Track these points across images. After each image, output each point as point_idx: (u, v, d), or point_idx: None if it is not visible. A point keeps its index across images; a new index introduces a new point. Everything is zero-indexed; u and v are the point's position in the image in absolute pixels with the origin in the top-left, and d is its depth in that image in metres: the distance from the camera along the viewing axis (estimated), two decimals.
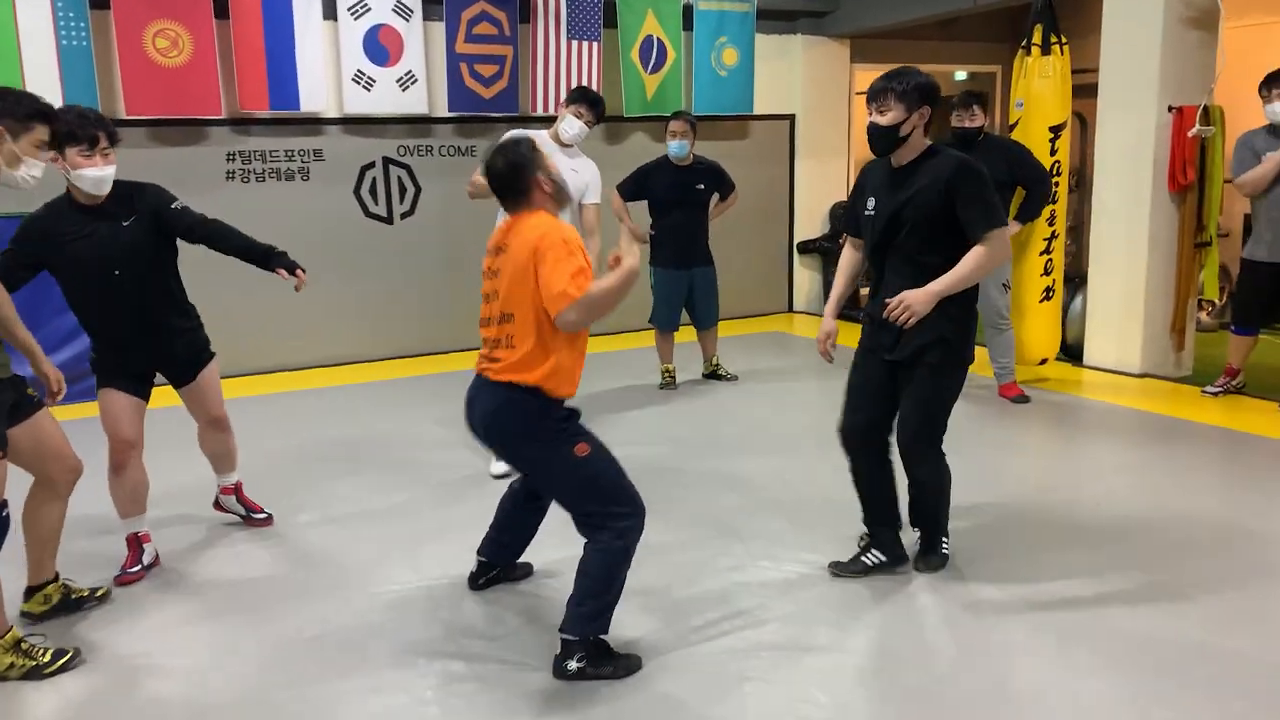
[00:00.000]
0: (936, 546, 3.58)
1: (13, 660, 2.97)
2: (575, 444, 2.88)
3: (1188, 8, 6.10)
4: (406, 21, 6.98)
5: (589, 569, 2.89)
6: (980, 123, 5.69)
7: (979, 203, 3.21)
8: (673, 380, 6.40)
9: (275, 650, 3.14)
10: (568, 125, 4.91)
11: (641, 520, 2.94)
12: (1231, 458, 4.87)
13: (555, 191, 2.98)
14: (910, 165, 3.32)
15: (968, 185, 3.20)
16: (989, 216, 3.21)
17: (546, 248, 2.79)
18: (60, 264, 3.48)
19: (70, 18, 6.05)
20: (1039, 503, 4.28)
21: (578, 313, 2.76)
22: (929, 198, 3.23)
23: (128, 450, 3.65)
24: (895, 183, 3.33)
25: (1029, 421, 5.57)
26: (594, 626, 2.89)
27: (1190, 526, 3.99)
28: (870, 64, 9.36)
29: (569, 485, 2.93)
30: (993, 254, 3.20)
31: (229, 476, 4.15)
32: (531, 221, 2.91)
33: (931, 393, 3.35)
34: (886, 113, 3.24)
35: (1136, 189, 6.29)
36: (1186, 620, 3.21)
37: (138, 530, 3.74)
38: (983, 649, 3.06)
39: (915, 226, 3.28)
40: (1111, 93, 6.39)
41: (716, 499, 4.33)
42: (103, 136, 3.36)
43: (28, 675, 2.96)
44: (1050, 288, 6.17)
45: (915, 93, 3.22)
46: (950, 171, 3.22)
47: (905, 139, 3.27)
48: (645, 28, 7.85)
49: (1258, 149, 5.52)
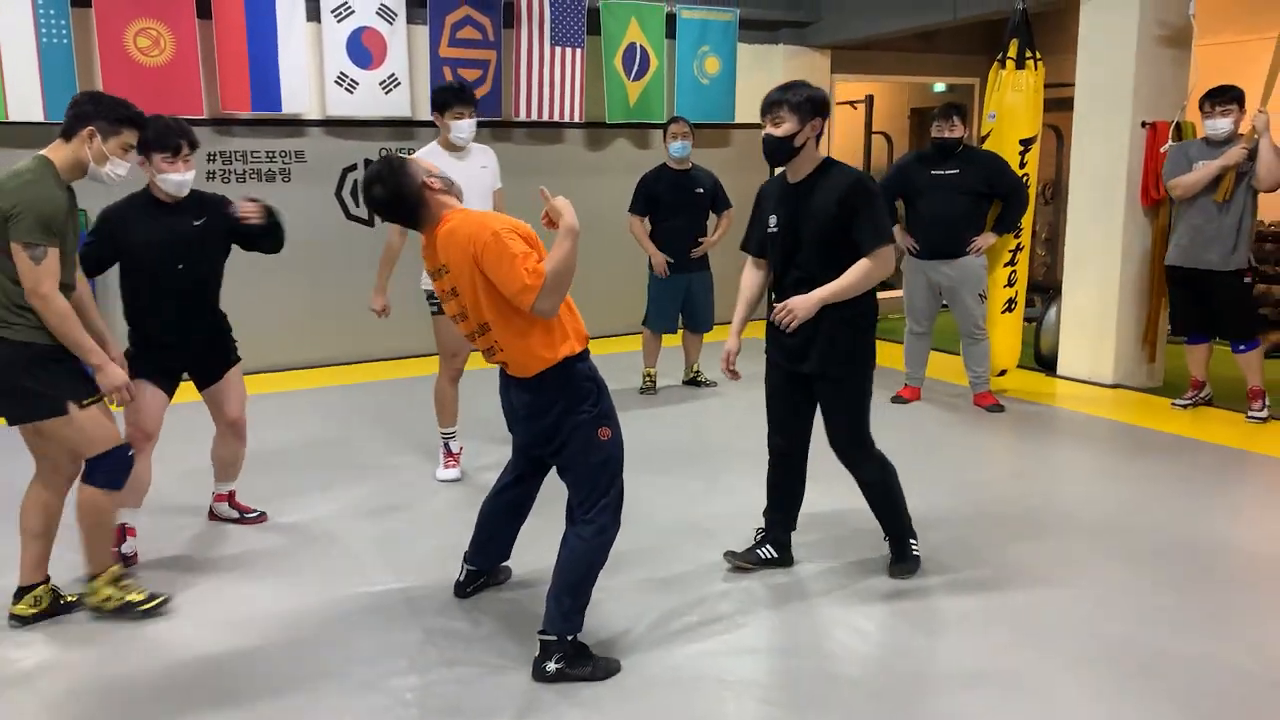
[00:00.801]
0: (906, 551, 3.65)
1: (110, 593, 3.36)
2: (600, 426, 2.93)
3: (1161, 26, 6.21)
4: (390, 24, 7.00)
5: (568, 562, 2.92)
6: (960, 134, 5.78)
7: (870, 220, 3.26)
8: (653, 385, 6.44)
9: (257, 649, 3.15)
10: (457, 129, 4.57)
11: (620, 520, 3.00)
12: (1196, 467, 4.96)
13: (446, 184, 2.95)
14: (806, 181, 3.37)
15: (861, 202, 3.26)
16: (877, 234, 3.27)
17: (482, 250, 2.75)
18: (130, 249, 3.67)
19: (51, 15, 6.03)
20: (1008, 510, 4.35)
21: (547, 298, 2.74)
22: (825, 214, 3.29)
23: (144, 442, 3.75)
24: (793, 199, 3.39)
25: (1002, 431, 5.65)
26: (571, 624, 2.92)
27: (1155, 533, 4.07)
28: (851, 75, 9.46)
29: (582, 464, 2.94)
30: (878, 268, 3.27)
31: (227, 485, 4.21)
32: (449, 229, 2.86)
33: (845, 404, 3.45)
34: (781, 124, 3.30)
35: (1110, 203, 6.40)
36: (1152, 623, 3.28)
37: (124, 522, 3.77)
38: (955, 652, 3.12)
39: (813, 244, 3.34)
40: (1086, 108, 6.50)
41: (694, 504, 4.37)
42: (185, 145, 3.64)
43: (121, 609, 3.35)
44: (1013, 299, 6.28)
45: (808, 104, 3.28)
46: (845, 188, 3.27)
47: (799, 150, 3.32)
48: (628, 35, 7.90)
49: (1192, 156, 5.70)
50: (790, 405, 3.57)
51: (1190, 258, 5.70)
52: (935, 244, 5.85)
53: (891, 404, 6.13)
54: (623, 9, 7.83)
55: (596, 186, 7.71)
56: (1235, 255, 5.56)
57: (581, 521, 2.94)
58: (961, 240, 5.81)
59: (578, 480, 2.96)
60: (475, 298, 2.85)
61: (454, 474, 4.74)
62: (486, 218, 2.84)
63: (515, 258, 2.71)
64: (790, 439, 3.61)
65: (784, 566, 3.71)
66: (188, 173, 3.67)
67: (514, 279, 2.71)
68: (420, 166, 2.95)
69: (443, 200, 2.94)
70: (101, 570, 3.36)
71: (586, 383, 2.94)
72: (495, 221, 2.81)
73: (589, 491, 2.94)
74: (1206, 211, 5.60)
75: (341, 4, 6.81)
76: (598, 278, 7.77)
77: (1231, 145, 5.51)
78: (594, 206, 7.50)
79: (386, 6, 6.97)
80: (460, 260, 2.81)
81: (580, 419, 2.91)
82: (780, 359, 3.51)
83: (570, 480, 2.99)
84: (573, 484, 2.98)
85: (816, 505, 3.96)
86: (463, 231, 2.80)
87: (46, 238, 3.05)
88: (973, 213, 5.82)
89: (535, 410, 2.95)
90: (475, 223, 2.80)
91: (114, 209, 3.72)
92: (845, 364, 3.40)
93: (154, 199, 3.72)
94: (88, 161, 3.19)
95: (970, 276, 5.83)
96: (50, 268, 3.06)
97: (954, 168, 5.78)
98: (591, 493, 2.93)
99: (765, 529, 3.76)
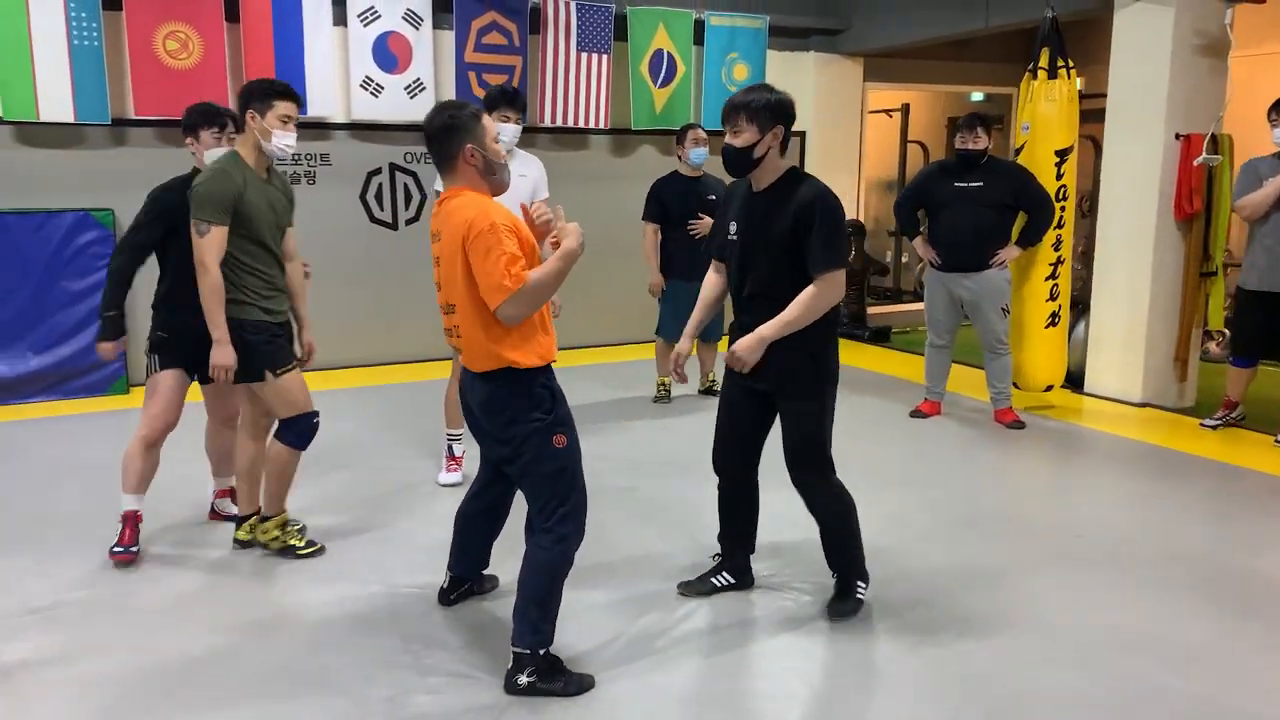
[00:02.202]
0: (850, 591, 3.40)
1: (277, 534, 3.83)
2: (555, 434, 2.86)
3: (1197, 35, 6.03)
4: (416, 29, 7.04)
5: (529, 573, 2.88)
6: (984, 145, 5.65)
7: (825, 239, 3.08)
8: (667, 394, 6.39)
9: (234, 650, 3.15)
10: (499, 133, 4.69)
11: (582, 530, 2.94)
12: (1223, 492, 4.79)
13: (485, 167, 2.87)
14: (769, 190, 3.21)
15: (820, 219, 3.08)
16: (830, 256, 3.09)
17: (474, 238, 2.71)
18: (181, 231, 3.68)
19: (83, 18, 6.14)
20: (1012, 533, 4.22)
21: (515, 306, 2.71)
22: (782, 228, 3.13)
23: (167, 432, 3.85)
24: (754, 208, 3.25)
25: (1021, 448, 5.51)
26: (539, 638, 2.87)
27: (1170, 561, 3.92)
28: (884, 83, 9.35)
29: (537, 472, 2.88)
30: (824, 295, 3.10)
31: (229, 479, 4.19)
32: (457, 204, 2.82)
33: (801, 427, 3.25)
34: (739, 134, 3.13)
35: (1142, 216, 6.23)
36: (1148, 656, 3.16)
37: (139, 509, 3.84)
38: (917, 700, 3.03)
39: (766, 257, 3.18)
40: (1119, 119, 6.33)
41: (694, 515, 4.30)
42: (230, 123, 3.81)
43: (284, 551, 3.83)
44: (1056, 313, 6.10)
45: (766, 112, 3.11)
46: (806, 202, 3.10)
47: (760, 160, 3.17)
48: (656, 41, 7.87)
49: (1263, 174, 5.47)
50: (740, 421, 3.39)
51: (1269, 281, 5.48)
52: (957, 257, 5.73)
53: (910, 418, 6.02)
54: (650, 15, 7.80)
55: (620, 193, 7.68)
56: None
57: (540, 531, 2.89)
58: (984, 253, 5.68)
59: (535, 489, 2.91)
60: (453, 275, 2.81)
61: (455, 478, 4.73)
62: (492, 209, 2.78)
63: (502, 255, 2.68)
64: (737, 457, 3.43)
65: (743, 589, 3.58)
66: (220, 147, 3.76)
67: (493, 274, 2.68)
68: (485, 137, 2.86)
69: (470, 174, 2.87)
70: (274, 514, 3.85)
71: (540, 389, 2.88)
72: (499, 215, 2.76)
73: (546, 500, 2.88)
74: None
75: (368, 8, 6.86)
76: (615, 285, 7.76)
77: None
78: (617, 212, 7.51)
79: (413, 11, 7.01)
80: (451, 236, 2.78)
81: (533, 426, 2.85)
82: (740, 378, 3.32)
83: (527, 490, 2.94)
84: (530, 493, 2.93)
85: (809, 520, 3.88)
86: (464, 213, 2.77)
87: (213, 216, 3.48)
88: (996, 226, 5.68)
89: (488, 409, 2.91)
90: (479, 209, 2.76)
91: (164, 191, 3.77)
92: (799, 382, 3.21)
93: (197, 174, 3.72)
94: (260, 142, 3.59)
95: (992, 290, 5.70)
96: (211, 243, 3.49)
97: (978, 179, 5.66)
98: (549, 502, 2.88)
99: (721, 554, 3.63)
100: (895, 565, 3.81)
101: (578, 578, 3.63)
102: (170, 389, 3.81)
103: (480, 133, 2.86)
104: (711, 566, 3.65)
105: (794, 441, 3.28)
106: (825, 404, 3.26)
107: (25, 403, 6.18)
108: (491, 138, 2.89)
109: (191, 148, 3.84)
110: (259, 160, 3.64)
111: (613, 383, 6.81)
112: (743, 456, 3.45)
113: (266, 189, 3.67)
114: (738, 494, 3.52)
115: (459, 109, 2.89)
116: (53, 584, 3.61)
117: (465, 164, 2.85)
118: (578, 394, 6.56)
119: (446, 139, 2.85)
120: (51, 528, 4.14)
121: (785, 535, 3.99)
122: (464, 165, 2.85)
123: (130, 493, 3.83)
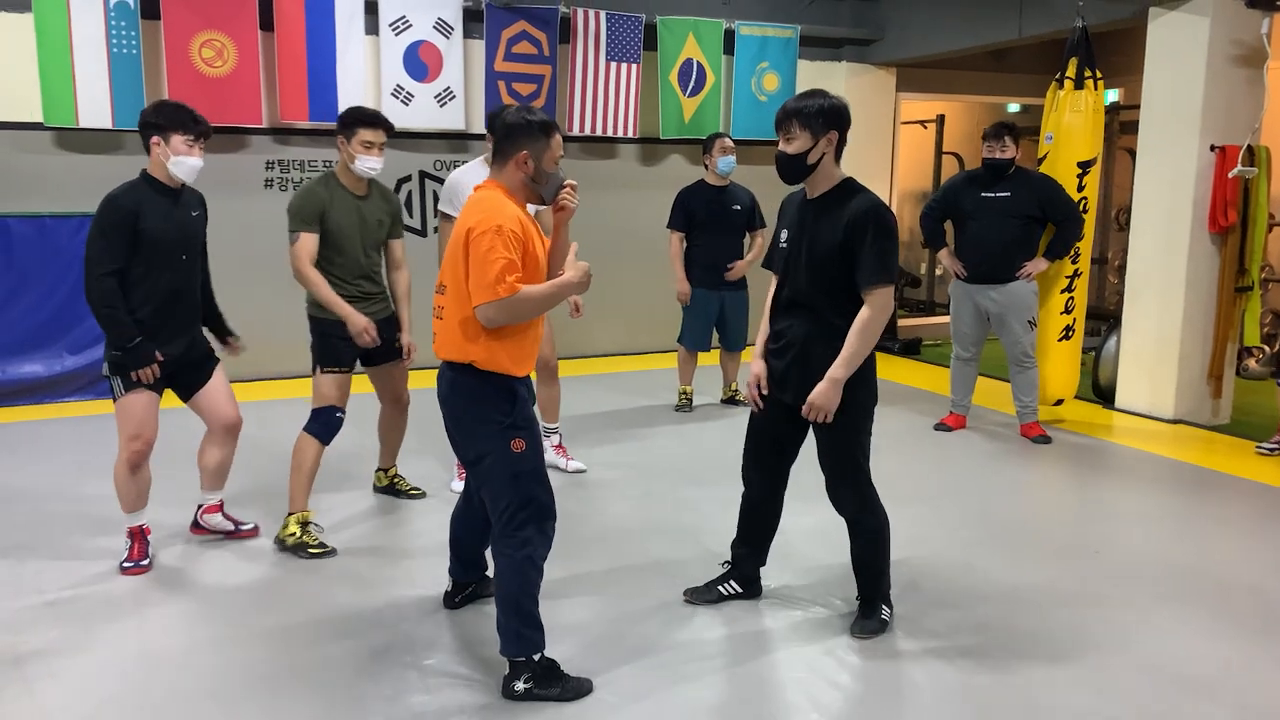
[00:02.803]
0: (875, 612, 3.35)
1: (295, 530, 3.97)
2: (514, 438, 2.86)
3: (1235, 45, 5.92)
4: (447, 39, 7.11)
5: (499, 583, 2.89)
6: (1011, 154, 5.58)
7: (875, 253, 3.02)
8: (689, 403, 6.38)
9: (236, 645, 3.19)
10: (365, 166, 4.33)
11: (547, 534, 2.92)
12: (1261, 513, 4.66)
13: (531, 176, 2.90)
14: (822, 199, 3.17)
15: (874, 232, 3.03)
16: (881, 269, 3.03)
17: (478, 235, 2.74)
18: (144, 236, 3.61)
19: (122, 27, 6.28)
20: (1031, 548, 4.16)
21: (497, 311, 2.74)
22: (832, 238, 3.09)
23: (149, 451, 3.75)
24: (805, 216, 3.21)
25: (1046, 463, 5.43)
26: (522, 646, 2.87)
27: (1193, 578, 3.84)
28: (918, 93, 9.27)
29: (495, 477, 2.89)
30: (878, 317, 3.05)
31: (216, 494, 4.09)
32: (484, 195, 2.87)
33: (837, 444, 3.20)
34: (793, 141, 3.10)
35: (1174, 229, 6.11)
36: (1165, 675, 3.08)
37: (143, 523, 3.84)
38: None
39: (813, 267, 3.14)
40: (1153, 130, 6.23)
41: (708, 522, 4.28)
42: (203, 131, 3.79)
43: (296, 548, 3.94)
44: (1070, 326, 6.01)
45: (820, 117, 3.06)
46: (859, 213, 3.05)
47: (814, 166, 3.13)
48: (685, 51, 7.88)
49: None
50: (773, 437, 3.37)
51: None
52: (984, 268, 5.66)
53: (935, 431, 5.95)
54: (680, 25, 7.82)
55: (648, 201, 7.68)
56: None
57: (503, 537, 2.89)
58: (1011, 265, 5.60)
59: (495, 494, 2.90)
60: (453, 257, 2.84)
61: None
62: (507, 211, 2.80)
63: (500, 259, 2.72)
64: (767, 471, 3.42)
65: (751, 599, 3.56)
66: (200, 159, 3.73)
67: (487, 275, 2.72)
68: (546, 150, 2.90)
69: (513, 178, 2.89)
70: (296, 511, 4.01)
71: (499, 391, 2.87)
72: (510, 221, 2.77)
73: (506, 505, 2.88)
74: None
75: (399, 18, 6.95)
76: (641, 293, 7.76)
77: None
78: (645, 221, 7.51)
79: (444, 21, 7.08)
80: (461, 222, 2.85)
81: (491, 428, 2.86)
82: (771, 388, 3.32)
83: (489, 495, 2.93)
84: (491, 498, 2.92)
85: (828, 531, 3.84)
86: (480, 209, 2.81)
87: (300, 225, 3.92)
88: (1023, 237, 5.61)
89: (446, 402, 2.94)
90: (493, 210, 2.79)
91: (121, 196, 3.61)
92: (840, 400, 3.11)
93: (157, 186, 3.67)
94: (347, 164, 4.02)
95: (1019, 303, 5.62)
96: (301, 249, 3.93)
97: (1005, 190, 5.59)
98: (509, 506, 2.87)
99: (731, 563, 3.61)
100: (914, 578, 3.77)
101: (583, 584, 3.67)
102: (143, 408, 3.67)
103: (541, 146, 2.89)
104: (719, 574, 3.64)
105: (833, 459, 3.24)
106: (864, 422, 3.22)
107: (61, 401, 6.32)
108: (553, 156, 2.93)
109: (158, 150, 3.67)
110: (352, 179, 4.06)
111: (635, 391, 6.81)
112: (771, 473, 3.43)
113: (361, 204, 4.08)
114: (761, 508, 3.50)
115: (534, 116, 2.91)
116: (71, 579, 3.68)
117: (514, 167, 2.90)
118: (600, 402, 6.63)
119: (508, 136, 2.90)
120: (75, 524, 4.22)
121: (798, 548, 3.96)
122: (512, 167, 2.90)
123: (127, 511, 3.80)
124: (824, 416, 3.10)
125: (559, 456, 5.07)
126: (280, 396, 6.46)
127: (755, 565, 3.59)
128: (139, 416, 3.68)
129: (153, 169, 3.70)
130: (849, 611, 3.45)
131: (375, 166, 4.04)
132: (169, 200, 3.71)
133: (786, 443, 3.38)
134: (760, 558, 3.58)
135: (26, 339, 6.28)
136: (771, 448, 3.40)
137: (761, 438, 3.42)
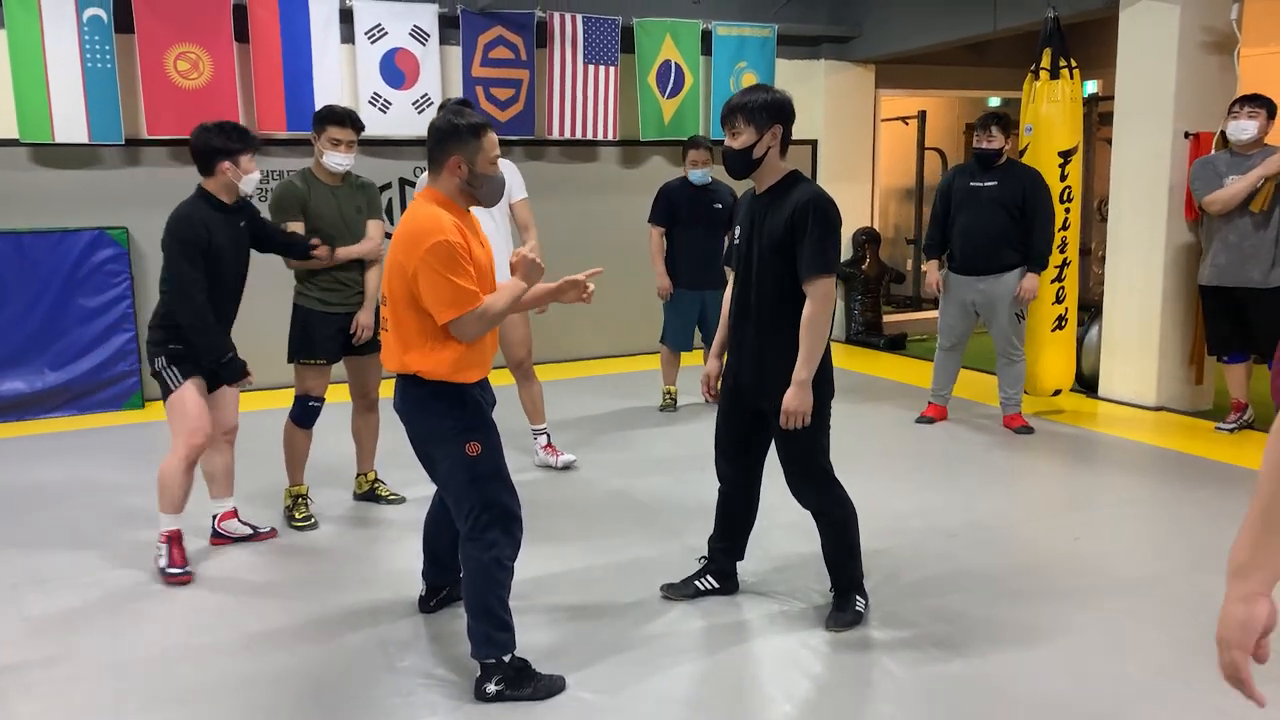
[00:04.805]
0: (850, 604, 3.34)
1: (289, 503, 4.33)
2: (467, 442, 2.84)
3: (1205, 32, 5.94)
4: (423, 45, 7.12)
5: (468, 585, 2.88)
6: (999, 144, 5.57)
7: (814, 244, 3.03)
8: (673, 403, 6.38)
9: (212, 651, 3.19)
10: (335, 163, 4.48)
11: (513, 535, 2.91)
12: (1244, 498, 4.66)
13: (466, 180, 2.82)
14: (769, 193, 3.18)
15: (813, 221, 3.04)
16: (821, 260, 3.04)
17: (429, 255, 2.69)
18: (209, 248, 3.76)
19: (96, 41, 6.28)
20: (1009, 538, 4.16)
21: (470, 325, 2.75)
22: (776, 231, 3.10)
23: (207, 444, 3.84)
24: (756, 213, 3.22)
25: (1028, 453, 5.43)
26: (495, 648, 2.86)
27: (1170, 564, 3.84)
28: (898, 89, 9.29)
29: (453, 482, 2.89)
30: (822, 310, 3.05)
31: (227, 501, 4.13)
32: (417, 214, 2.80)
33: (794, 438, 3.19)
34: (738, 136, 3.12)
35: (1152, 216, 6.13)
36: (1134, 662, 3.08)
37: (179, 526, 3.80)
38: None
39: (761, 261, 3.15)
40: (1127, 118, 6.25)
41: (686, 521, 4.28)
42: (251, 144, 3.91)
43: (287, 518, 4.30)
44: (1063, 316, 6.02)
45: (763, 111, 3.09)
46: (799, 204, 3.06)
47: (760, 161, 3.14)
48: (663, 52, 7.89)
49: (1220, 170, 5.47)
50: (738, 433, 3.38)
51: (1229, 277, 5.45)
52: (972, 259, 5.65)
53: (916, 424, 5.95)
54: (657, 27, 7.83)
55: (630, 204, 7.67)
56: (1276, 271, 5.27)
57: (469, 541, 2.88)
58: (999, 256, 5.60)
59: (456, 499, 2.90)
60: (390, 276, 2.80)
61: None
62: (448, 225, 2.74)
63: (458, 276, 2.71)
64: (737, 467, 3.42)
65: (728, 594, 3.55)
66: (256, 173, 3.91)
67: (445, 291, 2.71)
68: (479, 153, 2.82)
69: (450, 184, 2.83)
70: (291, 484, 4.35)
71: (452, 398, 2.86)
72: (449, 231, 2.72)
73: (470, 508, 2.87)
74: (1242, 227, 5.34)
75: (375, 25, 6.96)
76: (624, 295, 7.76)
77: (1255, 156, 5.27)
78: (627, 223, 7.52)
79: (419, 28, 7.09)
80: (399, 239, 2.77)
81: (444, 435, 2.86)
82: (729, 385, 3.33)
83: (451, 500, 2.93)
84: (454, 503, 2.92)
85: (807, 527, 3.84)
86: (419, 225, 2.74)
87: (283, 218, 4.15)
88: (1011, 228, 5.58)
89: (400, 411, 2.94)
90: (433, 227, 2.72)
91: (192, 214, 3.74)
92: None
93: (214, 203, 3.81)
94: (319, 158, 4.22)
95: (1008, 294, 5.61)
96: None
97: (993, 179, 5.59)
98: (472, 509, 2.87)
99: (708, 558, 3.61)
100: (893, 569, 3.77)
101: (560, 581, 3.67)
102: (197, 400, 3.77)
103: (474, 149, 2.82)
104: (696, 570, 3.64)
105: (790, 453, 3.24)
106: (821, 416, 3.20)
107: (43, 418, 6.30)
108: (488, 158, 2.86)
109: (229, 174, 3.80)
110: (326, 174, 4.22)
111: (619, 393, 6.82)
112: (741, 467, 3.43)
113: (337, 195, 4.23)
114: (735, 502, 3.50)
115: (462, 118, 2.85)
116: (49, 594, 3.67)
117: (449, 174, 2.84)
118: (585, 404, 6.63)
119: (439, 143, 2.83)
120: (55, 540, 4.21)
121: (775, 542, 3.96)
122: (448, 174, 2.84)
123: (171, 513, 3.77)
124: (802, 420, 3.10)
125: (549, 455, 5.08)
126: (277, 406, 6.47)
127: (732, 560, 3.59)
128: (195, 409, 3.75)
129: (214, 188, 3.82)
130: (825, 604, 3.44)
131: (342, 162, 4.19)
132: (228, 216, 3.84)
133: (752, 437, 3.39)
134: (737, 552, 3.59)
135: (6, 356, 6.27)
136: (737, 443, 3.41)
137: (727, 432, 3.43)
